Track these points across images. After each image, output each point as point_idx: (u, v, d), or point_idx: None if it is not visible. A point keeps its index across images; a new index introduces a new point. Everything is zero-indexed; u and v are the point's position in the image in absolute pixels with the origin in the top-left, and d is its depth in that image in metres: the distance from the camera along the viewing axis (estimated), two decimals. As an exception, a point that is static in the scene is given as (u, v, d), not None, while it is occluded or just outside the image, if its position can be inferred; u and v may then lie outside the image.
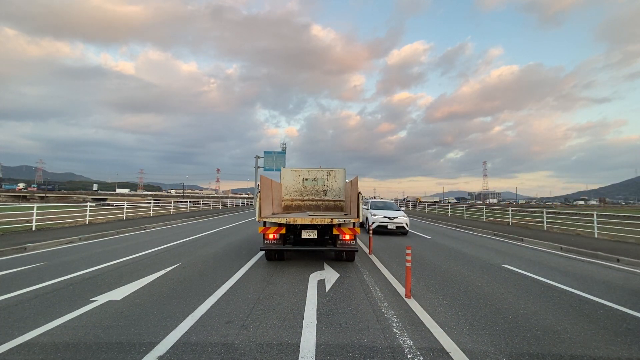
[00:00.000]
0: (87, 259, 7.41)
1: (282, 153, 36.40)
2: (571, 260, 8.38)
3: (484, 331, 3.69)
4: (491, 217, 21.80)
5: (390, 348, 3.20)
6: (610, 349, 3.31)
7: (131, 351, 3.06)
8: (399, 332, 3.60)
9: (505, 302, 4.76)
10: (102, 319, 3.86)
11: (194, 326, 3.65)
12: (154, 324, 3.71)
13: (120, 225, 14.11)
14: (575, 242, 10.96)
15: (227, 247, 9.29)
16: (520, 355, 3.14)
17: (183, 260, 7.31)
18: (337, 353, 3.07)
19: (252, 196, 52.92)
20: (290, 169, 10.18)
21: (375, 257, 7.99)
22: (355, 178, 7.33)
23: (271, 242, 6.72)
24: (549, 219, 16.26)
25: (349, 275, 6.10)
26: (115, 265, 6.79)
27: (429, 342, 3.37)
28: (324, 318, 3.94)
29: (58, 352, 3.05)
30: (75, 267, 6.49)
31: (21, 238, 9.72)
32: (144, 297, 4.68)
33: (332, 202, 9.80)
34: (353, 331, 3.58)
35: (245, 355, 3.01)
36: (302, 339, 3.35)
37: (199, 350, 3.09)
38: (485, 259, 8.15)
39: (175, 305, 4.35)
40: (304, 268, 6.60)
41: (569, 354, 3.17)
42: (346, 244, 6.69)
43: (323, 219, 6.58)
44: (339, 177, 9.95)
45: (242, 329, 3.60)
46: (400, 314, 4.18)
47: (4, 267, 6.47)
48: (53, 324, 3.69)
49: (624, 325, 3.96)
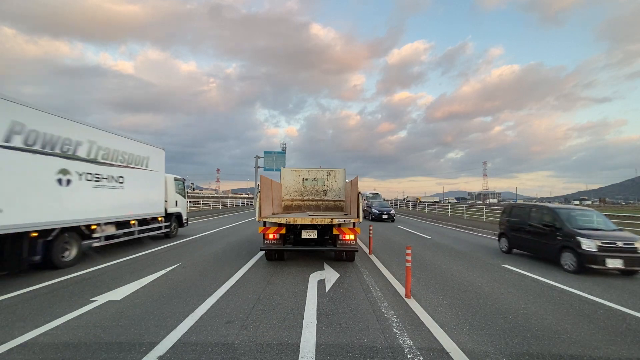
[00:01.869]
0: (87, 258, 7.40)
1: (282, 153, 36.42)
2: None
3: (484, 331, 3.69)
4: (491, 217, 21.79)
5: (390, 348, 3.20)
6: (610, 349, 3.32)
7: (131, 351, 3.07)
8: (399, 332, 3.60)
9: (505, 302, 4.76)
10: (102, 319, 3.87)
11: (194, 326, 3.65)
12: (154, 324, 3.71)
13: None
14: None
15: (227, 247, 9.29)
16: (520, 355, 3.14)
17: (183, 260, 7.31)
18: (337, 353, 3.07)
19: (252, 196, 52.96)
20: (290, 169, 10.18)
21: (375, 257, 7.99)
22: (355, 178, 7.34)
23: (271, 242, 6.72)
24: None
25: (349, 275, 6.10)
26: (115, 265, 6.79)
27: (429, 342, 3.37)
28: (324, 318, 3.95)
29: (58, 352, 3.05)
30: (75, 267, 6.49)
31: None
32: (144, 297, 4.68)
33: (332, 202, 9.80)
34: (353, 331, 3.58)
35: (245, 355, 3.01)
36: (302, 339, 3.35)
37: (199, 350, 3.09)
38: (485, 259, 8.15)
39: (175, 305, 4.35)
40: (304, 268, 6.60)
41: (568, 354, 3.17)
42: (346, 244, 6.69)
43: (323, 219, 6.58)
44: (339, 177, 9.95)
45: (242, 329, 3.60)
46: (400, 314, 4.18)
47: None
48: (53, 324, 3.69)
49: (624, 325, 3.97)
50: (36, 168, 5.88)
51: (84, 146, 7.02)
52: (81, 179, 6.92)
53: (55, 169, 6.28)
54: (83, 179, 6.98)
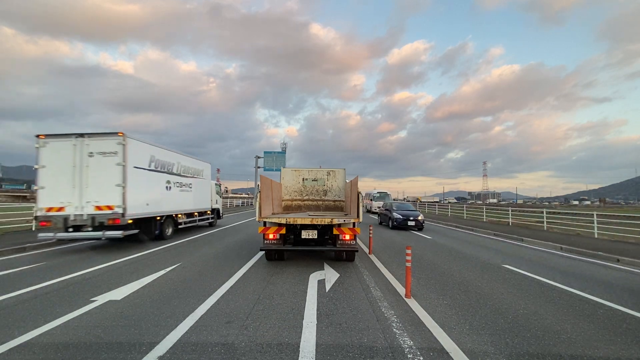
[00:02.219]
0: (87, 258, 7.41)
1: (282, 153, 36.39)
2: (571, 260, 8.38)
3: (484, 331, 3.69)
4: (491, 217, 21.80)
5: (390, 348, 3.20)
6: (610, 348, 3.32)
7: (131, 351, 3.07)
8: (399, 332, 3.60)
9: (505, 302, 4.76)
10: (102, 319, 3.87)
11: (194, 326, 3.65)
12: (154, 324, 3.71)
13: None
14: (575, 242, 10.96)
15: (227, 247, 9.29)
16: (520, 355, 3.14)
17: (183, 260, 7.31)
18: (337, 353, 3.07)
19: (252, 196, 52.93)
20: (290, 169, 10.18)
21: (375, 257, 7.99)
22: (355, 178, 7.34)
23: (271, 242, 6.72)
24: (549, 219, 16.26)
25: (349, 275, 6.10)
26: (116, 265, 6.79)
27: (429, 342, 3.37)
28: (324, 318, 3.95)
29: (58, 352, 3.05)
30: (75, 267, 6.50)
31: (21, 238, 9.72)
32: (144, 297, 4.68)
33: (332, 202, 9.80)
34: (353, 331, 3.58)
35: (245, 355, 3.01)
36: (302, 339, 3.35)
37: (199, 350, 3.09)
38: (485, 259, 8.15)
39: (175, 305, 4.35)
40: (304, 268, 6.60)
41: (568, 354, 3.17)
42: (346, 244, 6.69)
43: (323, 219, 6.58)
44: (339, 177, 9.95)
45: (242, 329, 3.60)
46: (400, 314, 4.18)
47: (4, 267, 6.48)
48: (53, 324, 3.69)
49: (624, 325, 3.97)
50: (158, 181, 10.03)
51: (175, 165, 11.21)
52: (174, 186, 11.11)
53: (164, 180, 10.45)
54: (175, 186, 11.16)
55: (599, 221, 13.24)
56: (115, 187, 8.14)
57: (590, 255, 8.89)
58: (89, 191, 8.14)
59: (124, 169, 8.22)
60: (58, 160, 8.22)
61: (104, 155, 8.22)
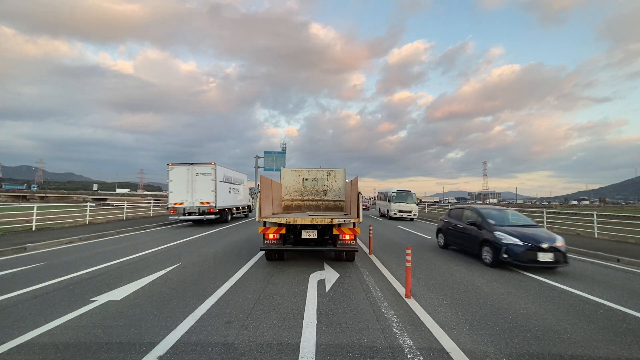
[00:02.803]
0: (87, 259, 7.41)
1: (282, 153, 36.37)
2: (571, 260, 8.37)
3: (484, 331, 3.69)
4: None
5: (390, 348, 3.20)
6: (610, 348, 3.32)
7: (131, 351, 3.07)
8: (399, 332, 3.60)
9: (505, 302, 4.76)
10: (102, 319, 3.87)
11: (194, 326, 3.66)
12: (154, 324, 3.71)
13: (121, 225, 14.12)
14: (575, 242, 10.95)
15: (227, 247, 9.29)
16: (520, 355, 3.14)
17: (183, 260, 7.32)
18: (337, 353, 3.07)
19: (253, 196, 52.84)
20: (291, 169, 10.18)
21: (375, 257, 7.99)
22: (355, 178, 7.34)
23: (271, 242, 6.72)
24: (549, 219, 16.25)
25: (349, 275, 6.10)
26: (115, 265, 6.79)
27: (429, 342, 3.37)
28: (324, 318, 3.95)
29: (58, 352, 3.05)
30: (75, 267, 6.50)
31: (21, 238, 9.72)
32: (144, 297, 4.68)
33: (332, 202, 9.80)
34: (353, 331, 3.58)
35: (245, 355, 3.01)
36: (302, 339, 3.35)
37: (199, 350, 3.09)
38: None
39: (175, 305, 4.36)
40: (304, 268, 6.60)
41: (568, 354, 3.17)
42: (346, 244, 6.69)
43: (323, 219, 6.58)
44: (339, 177, 9.95)
45: (242, 329, 3.60)
46: (400, 314, 4.18)
47: (4, 267, 6.48)
48: (53, 324, 3.69)
49: (624, 325, 3.97)
50: (227, 188, 16.66)
51: (232, 177, 17.71)
52: (231, 191, 17.55)
53: (228, 187, 17.00)
54: (232, 190, 17.65)
55: (598, 221, 13.23)
56: (210, 192, 14.84)
57: (590, 255, 8.89)
58: (196, 194, 14.79)
59: (214, 182, 14.89)
60: (179, 177, 14.82)
61: (204, 175, 14.88)
